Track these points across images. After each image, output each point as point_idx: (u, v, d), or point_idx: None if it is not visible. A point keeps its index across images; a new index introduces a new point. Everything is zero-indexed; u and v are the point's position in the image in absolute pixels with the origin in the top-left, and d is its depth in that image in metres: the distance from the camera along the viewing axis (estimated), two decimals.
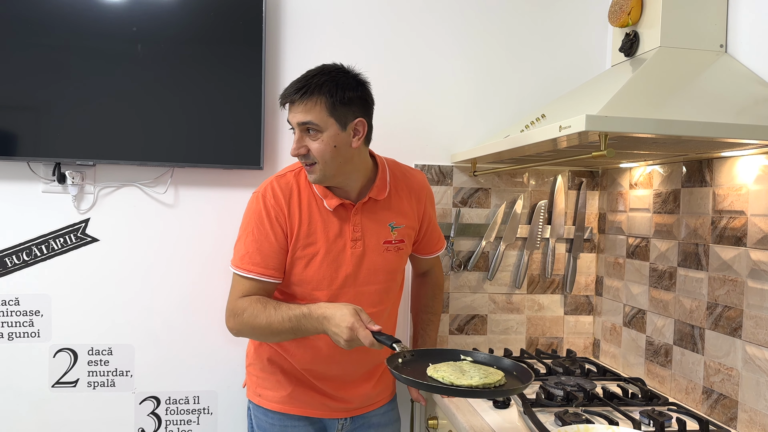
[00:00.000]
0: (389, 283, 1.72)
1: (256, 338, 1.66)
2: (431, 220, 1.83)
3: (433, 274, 1.96)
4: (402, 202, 1.72)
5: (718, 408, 1.66)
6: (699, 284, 1.74)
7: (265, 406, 1.71)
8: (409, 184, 1.75)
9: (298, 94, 1.52)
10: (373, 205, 1.66)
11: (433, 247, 1.88)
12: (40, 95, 1.92)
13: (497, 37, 2.23)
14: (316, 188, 1.62)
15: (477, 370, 1.40)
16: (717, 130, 1.34)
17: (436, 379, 1.35)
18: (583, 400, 1.70)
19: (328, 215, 1.62)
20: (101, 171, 2.03)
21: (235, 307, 1.57)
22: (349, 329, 1.39)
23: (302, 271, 1.60)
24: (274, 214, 1.59)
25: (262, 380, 1.72)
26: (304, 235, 1.60)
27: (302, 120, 1.52)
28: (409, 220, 1.73)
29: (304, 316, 1.49)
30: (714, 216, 1.69)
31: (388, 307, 1.75)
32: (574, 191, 2.29)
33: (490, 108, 2.23)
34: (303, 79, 1.54)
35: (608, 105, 1.41)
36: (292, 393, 1.69)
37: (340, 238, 1.62)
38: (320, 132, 1.52)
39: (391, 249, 1.69)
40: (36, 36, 1.90)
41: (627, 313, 2.09)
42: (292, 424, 1.70)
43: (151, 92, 1.97)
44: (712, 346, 1.68)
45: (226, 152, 2.03)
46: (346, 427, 1.75)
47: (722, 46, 1.70)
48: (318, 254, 1.60)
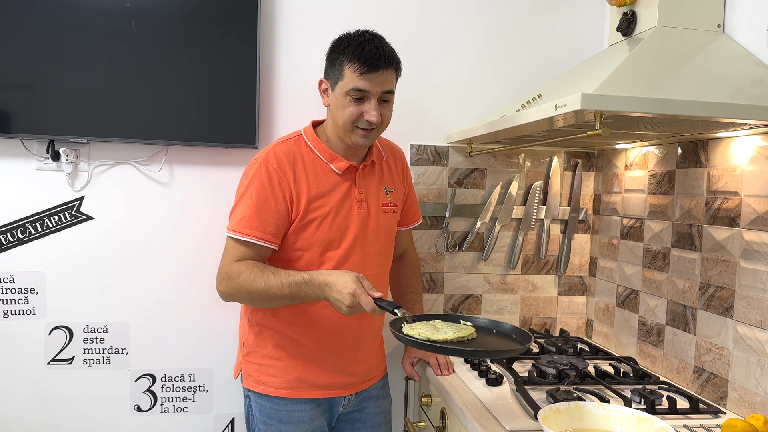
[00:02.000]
0: (389, 245, 1.78)
1: (249, 303, 1.66)
2: (411, 190, 1.90)
3: (409, 254, 2.00)
4: (391, 168, 1.80)
5: (709, 387, 1.67)
6: (692, 265, 1.75)
7: (270, 393, 1.69)
8: (394, 152, 1.84)
9: (390, 64, 1.56)
10: (372, 169, 1.73)
11: (413, 218, 1.93)
12: (34, 72, 1.90)
13: (494, 16, 2.21)
14: (321, 154, 1.65)
15: (449, 326, 1.46)
16: (713, 109, 1.34)
17: (412, 336, 1.40)
18: (575, 378, 1.71)
19: (335, 178, 1.65)
20: (95, 149, 2.02)
21: (230, 270, 1.57)
22: (351, 295, 1.42)
23: (313, 233, 1.62)
24: (277, 178, 1.59)
25: (266, 367, 1.70)
26: (314, 197, 1.62)
27: (389, 88, 1.58)
28: (398, 186, 1.80)
29: (305, 282, 1.51)
30: (708, 197, 1.69)
31: (387, 269, 1.80)
32: (570, 172, 2.29)
33: (486, 88, 2.22)
34: (380, 46, 1.55)
35: (604, 84, 1.41)
36: (299, 377, 1.68)
37: (347, 199, 1.66)
38: (392, 100, 1.61)
39: (388, 211, 1.76)
40: (29, 12, 1.88)
41: (620, 293, 2.11)
42: (299, 408, 1.69)
43: (145, 69, 1.95)
44: (704, 326, 1.70)
45: (221, 131, 2.02)
46: (351, 402, 1.77)
47: (720, 26, 1.69)
48: (329, 215, 1.63)
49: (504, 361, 1.83)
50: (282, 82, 2.11)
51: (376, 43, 1.55)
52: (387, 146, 1.83)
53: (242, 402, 1.81)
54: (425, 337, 1.39)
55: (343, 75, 1.56)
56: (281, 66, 2.11)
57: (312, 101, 2.09)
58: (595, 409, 1.32)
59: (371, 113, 1.55)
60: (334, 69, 1.59)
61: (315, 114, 2.12)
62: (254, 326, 1.71)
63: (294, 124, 2.10)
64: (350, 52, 1.54)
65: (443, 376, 1.80)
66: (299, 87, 2.11)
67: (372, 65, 1.52)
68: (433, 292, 2.22)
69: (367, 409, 1.81)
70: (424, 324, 1.48)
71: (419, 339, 1.39)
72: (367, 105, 1.56)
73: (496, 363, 1.85)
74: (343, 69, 1.56)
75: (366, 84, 1.54)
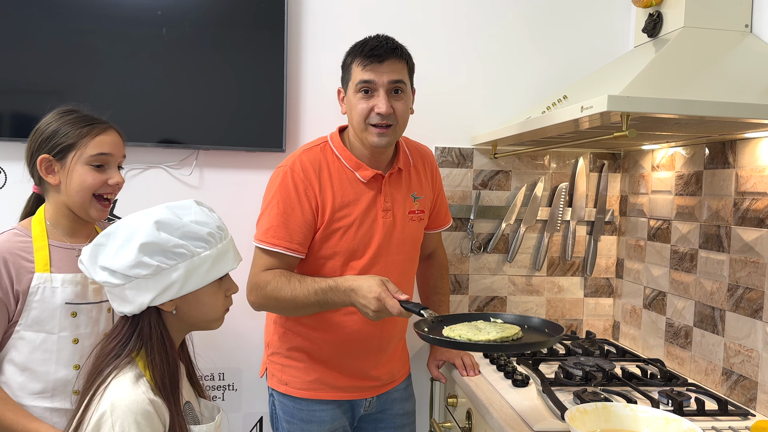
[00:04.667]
0: (414, 253, 1.77)
1: (279, 312, 1.67)
2: (441, 193, 1.88)
3: (438, 255, 1.99)
4: (419, 173, 1.77)
5: (738, 389, 1.66)
6: (720, 266, 1.74)
7: (292, 394, 1.71)
8: (423, 156, 1.81)
9: (393, 53, 1.55)
10: (398, 176, 1.71)
11: (443, 221, 1.91)
12: (68, 79, 1.96)
13: (519, 18, 2.22)
14: (347, 161, 1.64)
15: (493, 327, 1.42)
16: (740, 110, 1.34)
17: (453, 338, 1.37)
18: (601, 379, 1.71)
19: (360, 186, 1.64)
20: (128, 153, 2.03)
21: (258, 280, 1.59)
22: (377, 300, 1.41)
23: (337, 242, 1.62)
24: (303, 187, 1.59)
25: (288, 368, 1.72)
26: (338, 206, 1.61)
27: (397, 78, 1.56)
28: (426, 191, 1.78)
29: (331, 289, 1.50)
30: (736, 198, 1.68)
31: (411, 276, 1.80)
32: (596, 173, 2.28)
33: (511, 90, 2.23)
34: (389, 40, 1.57)
35: (630, 85, 1.41)
36: (320, 378, 1.69)
37: (373, 208, 1.65)
38: (404, 93, 1.58)
39: (415, 219, 1.73)
40: (62, 21, 1.94)
41: (647, 295, 2.10)
42: (320, 408, 1.70)
43: (175, 76, 2.00)
44: (733, 327, 1.68)
45: (249, 135, 2.06)
46: (372, 404, 1.77)
47: (747, 26, 1.68)
48: (353, 225, 1.62)
49: (530, 363, 1.84)
50: (309, 86, 2.14)
51: (380, 38, 1.57)
52: (416, 150, 1.80)
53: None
54: (466, 338, 1.36)
55: (351, 73, 1.59)
56: (308, 70, 2.14)
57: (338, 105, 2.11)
58: (623, 410, 1.32)
59: (380, 104, 1.54)
60: (345, 72, 1.63)
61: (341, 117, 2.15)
62: (278, 327, 1.74)
63: (320, 127, 2.13)
64: (355, 50, 1.59)
65: (469, 377, 1.81)
66: (326, 90, 2.13)
67: (374, 55, 1.54)
68: (458, 294, 2.24)
69: (390, 410, 1.81)
70: (465, 325, 1.44)
71: (459, 340, 1.36)
72: (376, 98, 1.56)
73: (522, 364, 1.85)
74: (351, 68, 1.59)
75: (371, 74, 1.55)
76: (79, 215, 1.46)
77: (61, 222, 1.46)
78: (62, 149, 1.41)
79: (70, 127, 1.42)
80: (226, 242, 1.23)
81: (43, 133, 1.43)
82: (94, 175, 1.43)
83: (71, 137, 1.41)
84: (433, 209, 1.85)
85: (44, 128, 1.43)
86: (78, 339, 1.43)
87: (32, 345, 1.40)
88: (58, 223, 1.46)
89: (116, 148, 1.48)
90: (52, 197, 1.46)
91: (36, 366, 1.40)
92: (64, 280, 1.42)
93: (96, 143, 1.43)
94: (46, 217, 1.46)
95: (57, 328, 1.41)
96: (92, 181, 1.42)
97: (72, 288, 1.42)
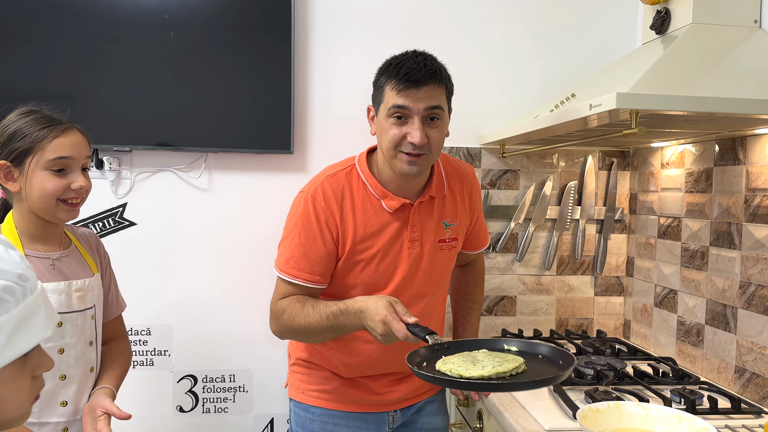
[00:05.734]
0: (444, 282, 1.66)
1: (299, 339, 1.61)
2: (479, 215, 1.75)
3: (476, 263, 1.88)
4: (455, 198, 1.64)
5: (751, 387, 1.65)
6: (732, 263, 1.73)
7: (307, 402, 1.66)
8: (461, 179, 1.66)
9: (434, 77, 1.41)
10: (430, 203, 1.58)
11: (480, 243, 1.80)
12: (77, 83, 1.97)
13: (526, 16, 2.21)
14: (373, 189, 1.53)
15: (491, 359, 1.28)
16: (750, 106, 1.33)
17: (443, 372, 1.24)
18: (613, 378, 1.70)
19: (386, 216, 1.53)
20: (137, 157, 2.09)
21: (276, 308, 1.53)
22: (383, 322, 1.30)
23: (358, 274, 1.54)
24: (324, 217, 1.50)
25: (306, 376, 1.67)
26: (360, 239, 1.51)
27: (433, 104, 1.42)
28: (461, 217, 1.65)
29: (341, 312, 1.42)
30: (747, 194, 1.67)
31: (439, 305, 1.70)
32: (605, 171, 2.27)
33: (519, 88, 2.23)
34: (422, 61, 1.42)
35: (639, 82, 1.41)
36: (336, 389, 1.63)
37: (398, 239, 1.54)
38: (441, 120, 1.46)
39: (445, 248, 1.61)
40: (71, 25, 1.95)
41: (658, 293, 2.08)
42: (333, 422, 1.64)
43: (184, 79, 2.01)
44: (745, 325, 1.67)
45: (257, 137, 2.07)
46: (397, 419, 1.69)
47: (756, 21, 1.67)
48: (375, 258, 1.53)
49: None
50: (316, 88, 2.14)
51: (418, 59, 1.43)
52: (454, 170, 1.65)
53: (281, 402, 1.84)
54: (457, 374, 1.21)
55: (384, 95, 1.45)
56: (315, 71, 2.14)
57: (345, 107, 2.13)
58: (635, 408, 1.32)
59: (414, 134, 1.41)
60: (378, 92, 1.49)
61: (348, 120, 2.15)
62: None
63: (328, 129, 2.14)
64: (390, 71, 1.44)
65: None
66: (334, 93, 2.14)
67: (410, 80, 1.40)
68: None
69: (416, 423, 1.72)
70: (460, 356, 1.30)
71: (448, 377, 1.22)
72: (410, 125, 1.42)
73: None
74: (384, 90, 1.45)
75: (406, 100, 1.41)
76: (47, 219, 1.37)
77: (30, 230, 1.37)
78: (19, 154, 1.31)
79: (27, 129, 1.31)
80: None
81: (1, 136, 1.32)
82: (55, 180, 1.32)
83: (27, 141, 1.30)
84: (470, 233, 1.73)
85: (2, 131, 1.33)
86: (63, 349, 1.37)
87: None
88: (28, 232, 1.37)
89: (77, 150, 1.35)
90: (17, 204, 1.37)
91: None
92: (47, 289, 1.32)
93: (54, 146, 1.31)
94: (16, 225, 1.37)
95: None
96: (53, 187, 1.32)
97: (56, 297, 1.35)
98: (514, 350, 1.38)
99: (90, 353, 1.45)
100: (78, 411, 1.41)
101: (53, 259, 1.39)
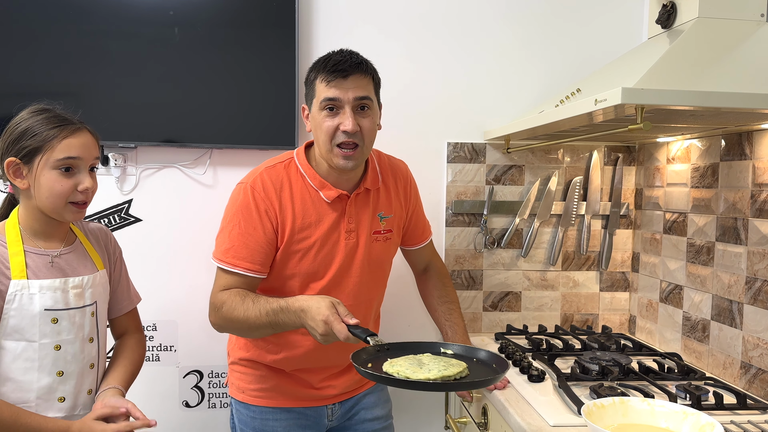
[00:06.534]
0: (379, 273, 1.69)
1: (237, 333, 1.61)
2: (416, 209, 1.79)
3: (434, 265, 1.90)
4: (389, 191, 1.69)
5: (757, 382, 1.64)
6: (738, 259, 1.72)
7: (246, 401, 1.68)
8: (395, 173, 1.72)
9: (358, 69, 1.48)
10: (366, 196, 1.63)
11: (420, 237, 1.83)
12: (82, 80, 1.98)
13: (532, 11, 2.21)
14: (311, 180, 1.58)
15: (437, 363, 1.34)
16: (756, 101, 1.32)
17: (391, 374, 1.29)
18: (618, 374, 1.70)
19: (323, 207, 1.58)
20: (143, 153, 2.09)
21: (215, 300, 1.53)
22: (324, 323, 1.33)
23: (297, 264, 1.57)
24: (264, 207, 1.54)
25: (245, 375, 1.69)
26: (298, 228, 1.55)
27: (363, 94, 1.49)
28: (396, 210, 1.70)
29: (282, 309, 1.42)
30: (753, 189, 1.66)
31: (377, 298, 1.72)
32: (610, 167, 2.27)
33: (523, 84, 2.22)
34: (353, 54, 1.50)
35: (645, 77, 1.40)
36: (275, 386, 1.66)
37: (335, 230, 1.59)
38: (371, 109, 1.52)
39: (380, 239, 1.66)
40: (76, 22, 1.96)
41: (664, 288, 2.08)
42: (274, 417, 1.66)
43: (188, 75, 2.02)
44: (751, 320, 1.67)
45: (261, 133, 2.07)
46: (336, 412, 1.72)
47: (763, 15, 1.66)
48: (313, 247, 1.56)
49: (546, 358, 1.83)
50: None
51: (344, 53, 1.50)
52: (387, 166, 1.72)
53: None
54: (404, 376, 1.27)
55: (315, 90, 1.51)
56: None
57: None
58: (640, 404, 1.31)
59: (346, 122, 1.46)
60: (309, 89, 1.55)
61: None
62: (238, 337, 1.70)
63: None
64: (318, 66, 1.51)
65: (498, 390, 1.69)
66: None
67: (338, 71, 1.46)
68: (471, 290, 2.23)
69: (358, 416, 1.75)
70: (407, 359, 1.36)
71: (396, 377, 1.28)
72: (341, 115, 1.48)
73: (538, 360, 1.85)
74: (315, 84, 1.52)
75: (336, 92, 1.47)
76: (54, 218, 1.39)
77: (34, 226, 1.39)
78: (28, 152, 1.32)
79: (38, 128, 1.33)
80: None
81: (12, 133, 1.34)
82: (62, 180, 1.34)
83: (37, 140, 1.32)
84: (408, 226, 1.77)
85: (14, 128, 1.35)
86: (60, 345, 1.38)
87: (13, 354, 1.35)
88: (31, 228, 1.39)
89: (86, 151, 1.37)
90: (23, 201, 1.39)
91: (18, 375, 1.35)
92: (42, 286, 1.36)
93: (63, 146, 1.33)
94: (19, 221, 1.39)
95: (38, 335, 1.36)
96: (60, 188, 1.34)
97: (51, 294, 1.36)
98: (450, 353, 1.45)
99: (90, 350, 1.45)
100: (76, 407, 1.42)
101: (53, 256, 1.40)
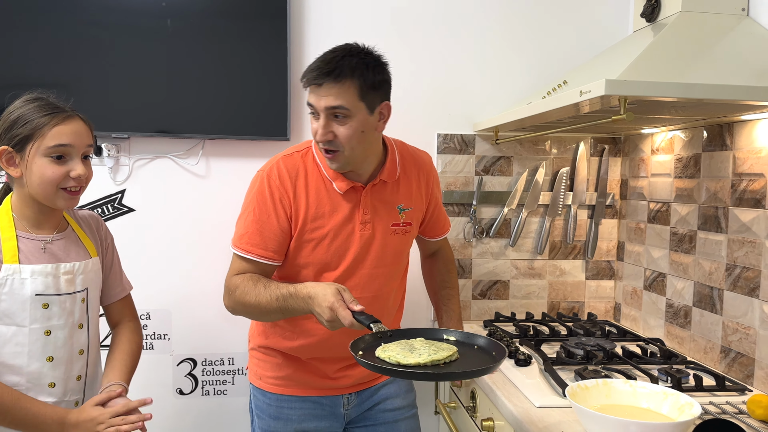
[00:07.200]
0: (396, 266, 1.69)
1: (249, 317, 1.62)
2: (437, 202, 1.79)
3: (443, 251, 1.90)
4: (410, 184, 1.68)
5: (736, 366, 1.70)
6: (718, 246, 1.77)
7: (263, 388, 1.70)
8: (417, 165, 1.70)
9: (329, 77, 1.42)
10: (383, 188, 1.62)
11: (440, 230, 1.83)
12: (75, 71, 1.99)
13: (519, 5, 2.24)
14: (326, 170, 1.57)
15: (428, 347, 1.34)
16: (737, 92, 1.36)
17: (383, 359, 1.29)
18: (602, 358, 1.75)
19: (338, 198, 1.57)
20: (135, 143, 2.11)
21: (229, 284, 1.55)
22: (329, 309, 1.34)
23: (310, 253, 1.58)
24: (278, 195, 1.55)
25: (263, 363, 1.71)
26: (311, 218, 1.56)
27: (332, 104, 1.43)
28: (416, 203, 1.69)
29: (291, 295, 1.44)
30: (734, 179, 1.71)
31: (394, 289, 1.72)
32: (596, 158, 2.31)
33: (512, 76, 2.26)
34: (332, 61, 1.44)
35: (628, 69, 1.44)
36: (291, 374, 1.68)
37: (350, 221, 1.58)
38: (349, 117, 1.45)
39: (399, 232, 1.65)
40: (67, 13, 1.97)
41: (647, 276, 2.13)
42: (289, 405, 1.68)
43: (181, 66, 2.04)
44: (731, 306, 1.72)
45: (254, 124, 2.10)
46: (352, 401, 1.72)
47: (744, 9, 1.70)
48: (326, 237, 1.57)
49: (533, 343, 1.88)
50: None
51: (326, 56, 1.47)
52: (411, 157, 1.69)
53: None
54: (395, 361, 1.27)
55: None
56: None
57: None
58: (622, 385, 1.36)
59: (319, 131, 1.46)
60: None
61: None
62: (258, 323, 1.73)
63: None
64: (305, 69, 1.50)
65: None
66: None
67: (310, 79, 1.45)
68: (461, 278, 2.27)
69: (379, 406, 1.75)
70: (399, 344, 1.35)
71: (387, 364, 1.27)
72: (317, 122, 1.47)
73: (525, 345, 1.89)
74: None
75: (312, 98, 1.46)
76: (47, 205, 1.40)
77: (27, 213, 1.41)
78: (20, 140, 1.34)
79: (29, 116, 1.34)
80: None
81: (4, 122, 1.36)
82: (54, 168, 1.34)
83: (28, 128, 1.33)
84: (428, 219, 1.77)
85: (6, 117, 1.36)
86: (50, 331, 1.39)
87: (3, 338, 1.36)
88: (24, 215, 1.41)
89: (77, 138, 1.37)
90: (17, 189, 1.41)
91: (8, 359, 1.36)
92: (33, 271, 1.37)
93: (54, 134, 1.34)
94: (12, 208, 1.41)
95: (28, 320, 1.37)
96: (52, 175, 1.34)
97: (42, 279, 1.38)
98: (452, 340, 1.45)
99: (79, 336, 1.47)
100: (66, 392, 1.44)
101: (45, 242, 1.42)
